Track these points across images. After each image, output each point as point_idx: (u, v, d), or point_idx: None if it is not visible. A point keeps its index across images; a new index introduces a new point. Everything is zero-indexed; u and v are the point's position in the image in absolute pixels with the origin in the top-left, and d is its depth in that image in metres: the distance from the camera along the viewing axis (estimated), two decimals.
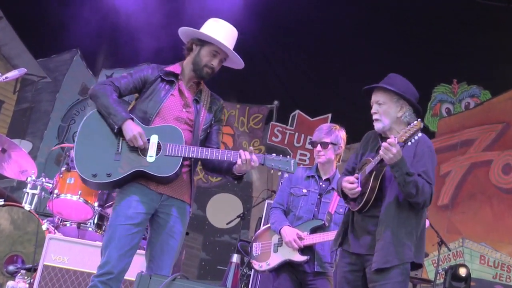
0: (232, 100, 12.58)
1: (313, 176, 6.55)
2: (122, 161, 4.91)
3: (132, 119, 4.96)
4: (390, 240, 4.87)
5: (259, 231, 6.89)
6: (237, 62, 5.29)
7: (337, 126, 6.55)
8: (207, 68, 5.15)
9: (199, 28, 5.25)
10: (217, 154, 4.96)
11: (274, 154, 5.02)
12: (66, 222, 7.96)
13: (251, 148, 5.04)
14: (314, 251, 6.28)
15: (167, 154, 4.92)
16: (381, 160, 4.89)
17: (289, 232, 6.30)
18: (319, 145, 6.43)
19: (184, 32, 5.28)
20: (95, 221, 7.95)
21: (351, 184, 5.10)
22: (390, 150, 4.76)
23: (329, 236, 6.11)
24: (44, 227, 7.53)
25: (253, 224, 11.44)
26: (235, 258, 9.26)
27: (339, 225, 5.49)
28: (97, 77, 12.66)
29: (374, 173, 5.01)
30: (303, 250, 6.28)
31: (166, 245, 5.02)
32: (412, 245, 4.94)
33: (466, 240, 11.11)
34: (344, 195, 5.27)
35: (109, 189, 5.11)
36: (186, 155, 4.93)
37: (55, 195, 7.69)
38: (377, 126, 5.14)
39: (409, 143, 4.78)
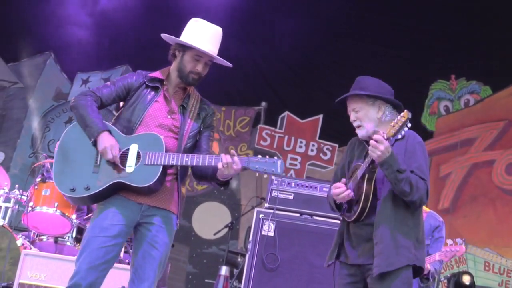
0: (216, 102, 12.55)
1: None
2: (101, 173, 4.96)
3: (109, 131, 5.01)
4: (389, 241, 4.86)
5: None
6: (224, 61, 5.31)
7: None
8: (193, 74, 5.17)
9: (180, 28, 5.26)
10: (197, 159, 4.96)
11: (259, 156, 4.95)
12: (42, 237, 7.91)
13: (233, 151, 5.02)
14: None
15: (146, 163, 4.94)
16: (372, 161, 4.89)
17: None
18: None
19: (166, 38, 5.30)
20: (74, 235, 7.90)
21: (338, 188, 5.08)
22: (377, 147, 4.76)
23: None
24: (18, 242, 7.51)
25: (242, 234, 11.43)
26: (224, 270, 9.31)
27: None
28: (72, 81, 12.62)
29: (366, 176, 5.00)
30: None
31: (147, 255, 5.03)
32: (412, 246, 4.92)
33: (469, 245, 11.10)
34: (337, 207, 5.25)
35: (89, 204, 5.13)
36: (166, 163, 4.94)
37: (30, 208, 7.64)
38: (361, 133, 5.15)
39: (399, 136, 4.79)
